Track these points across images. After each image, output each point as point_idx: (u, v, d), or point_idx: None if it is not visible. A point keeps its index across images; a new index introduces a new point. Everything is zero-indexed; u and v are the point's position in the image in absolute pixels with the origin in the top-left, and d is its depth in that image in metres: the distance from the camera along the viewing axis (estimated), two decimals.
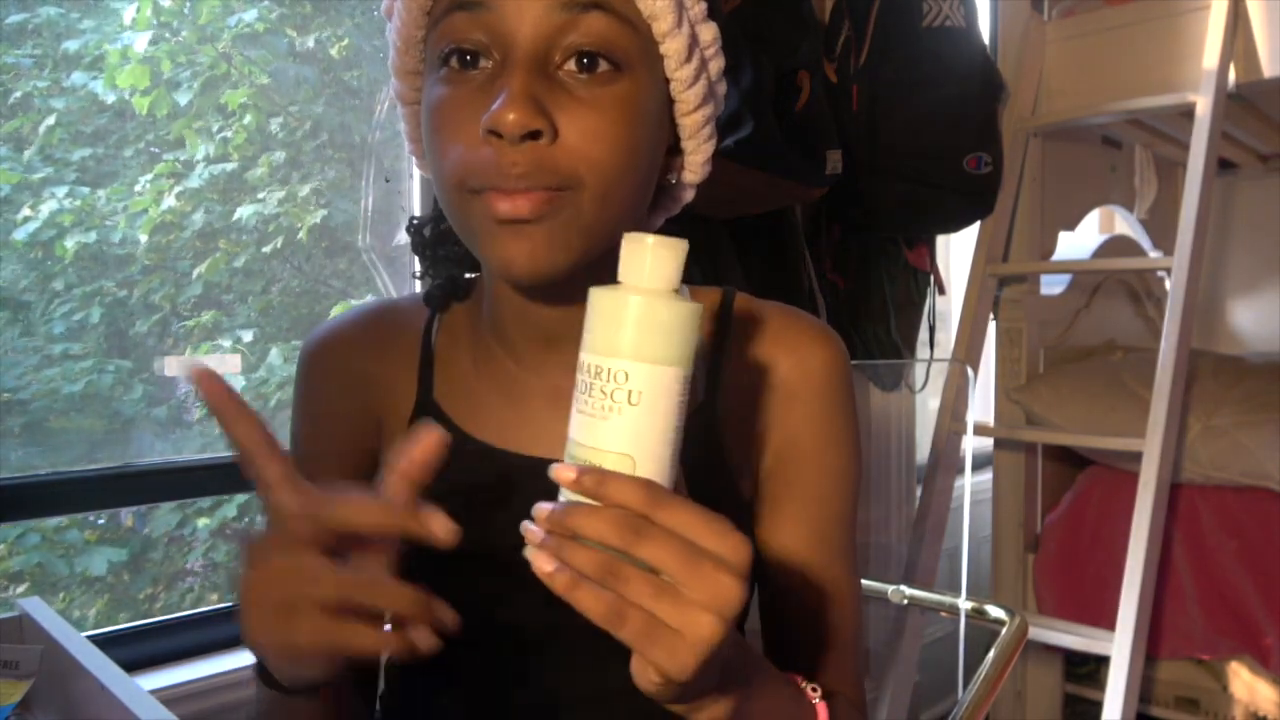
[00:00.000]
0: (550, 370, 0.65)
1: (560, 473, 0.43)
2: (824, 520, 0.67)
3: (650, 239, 0.44)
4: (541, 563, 0.42)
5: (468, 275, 0.72)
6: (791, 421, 0.65)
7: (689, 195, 0.67)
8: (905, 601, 1.18)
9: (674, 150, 0.63)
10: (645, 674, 0.43)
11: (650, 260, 0.44)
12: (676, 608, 0.41)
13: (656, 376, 0.43)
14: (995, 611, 1.08)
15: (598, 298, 0.45)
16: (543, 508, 0.43)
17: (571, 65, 0.54)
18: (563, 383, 0.60)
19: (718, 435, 0.65)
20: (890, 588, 1.20)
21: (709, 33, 0.60)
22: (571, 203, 0.54)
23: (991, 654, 0.95)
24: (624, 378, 0.43)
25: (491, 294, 0.65)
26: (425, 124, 0.57)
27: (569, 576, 0.42)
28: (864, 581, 1.31)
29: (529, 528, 0.44)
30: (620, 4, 0.54)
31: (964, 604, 1.13)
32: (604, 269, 0.50)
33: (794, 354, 0.65)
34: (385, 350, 0.69)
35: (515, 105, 0.51)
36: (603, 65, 0.54)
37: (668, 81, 0.59)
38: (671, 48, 0.57)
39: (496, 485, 0.64)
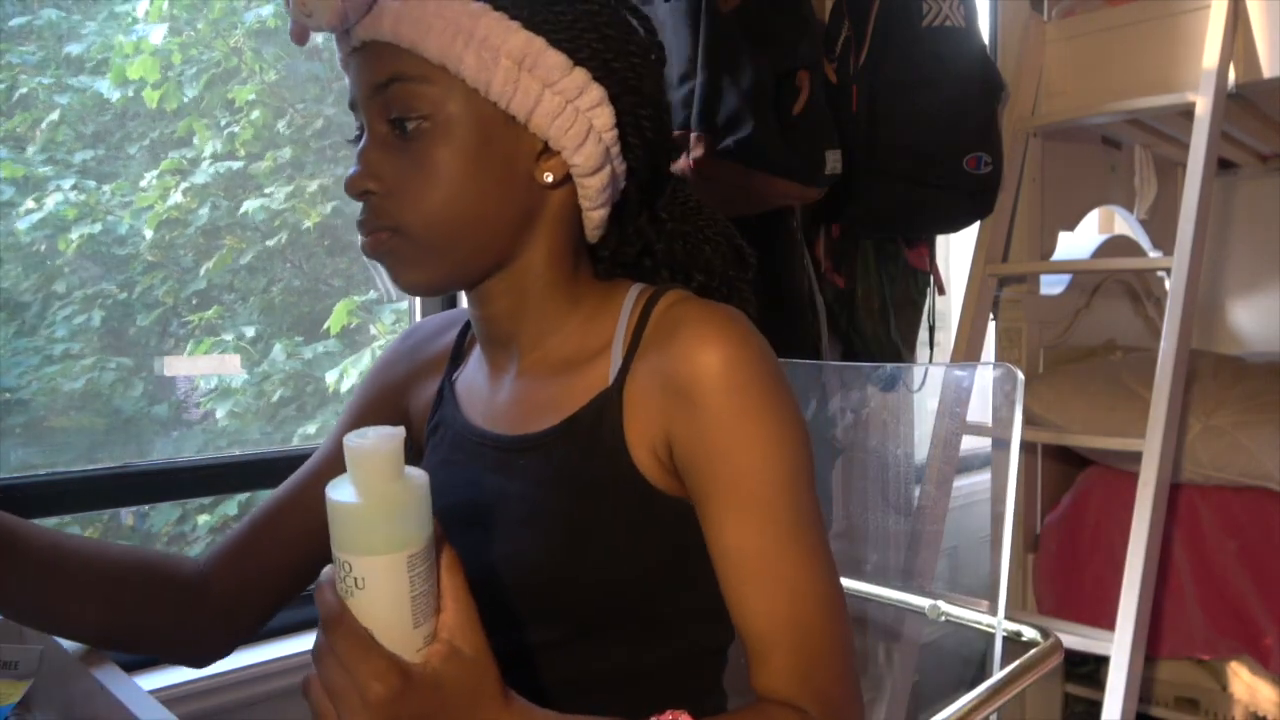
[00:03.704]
0: (502, 361, 0.79)
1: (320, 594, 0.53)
2: (756, 519, 0.66)
3: (352, 444, 0.50)
4: None
5: None
6: (687, 423, 0.67)
7: (598, 181, 0.72)
8: (942, 618, 1.15)
9: (548, 151, 0.71)
10: None
11: (353, 466, 0.50)
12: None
13: (373, 565, 0.51)
14: (1030, 633, 1.05)
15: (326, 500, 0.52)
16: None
17: (395, 129, 0.68)
18: (516, 370, 0.77)
19: (618, 421, 0.70)
20: (928, 604, 1.18)
21: (516, 39, 0.66)
22: (405, 240, 0.69)
23: (1014, 664, 0.93)
24: (349, 568, 0.51)
25: None
26: None
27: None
28: (901, 595, 1.29)
29: None
30: (413, 67, 0.66)
31: (1001, 623, 1.09)
32: (513, 274, 0.73)
33: (685, 356, 0.67)
34: (437, 341, 0.89)
35: (352, 173, 0.69)
36: (413, 123, 0.67)
37: (496, 103, 0.68)
38: (469, 75, 0.66)
39: (471, 452, 0.78)
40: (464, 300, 1.62)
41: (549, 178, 0.71)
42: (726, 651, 0.78)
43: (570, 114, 0.68)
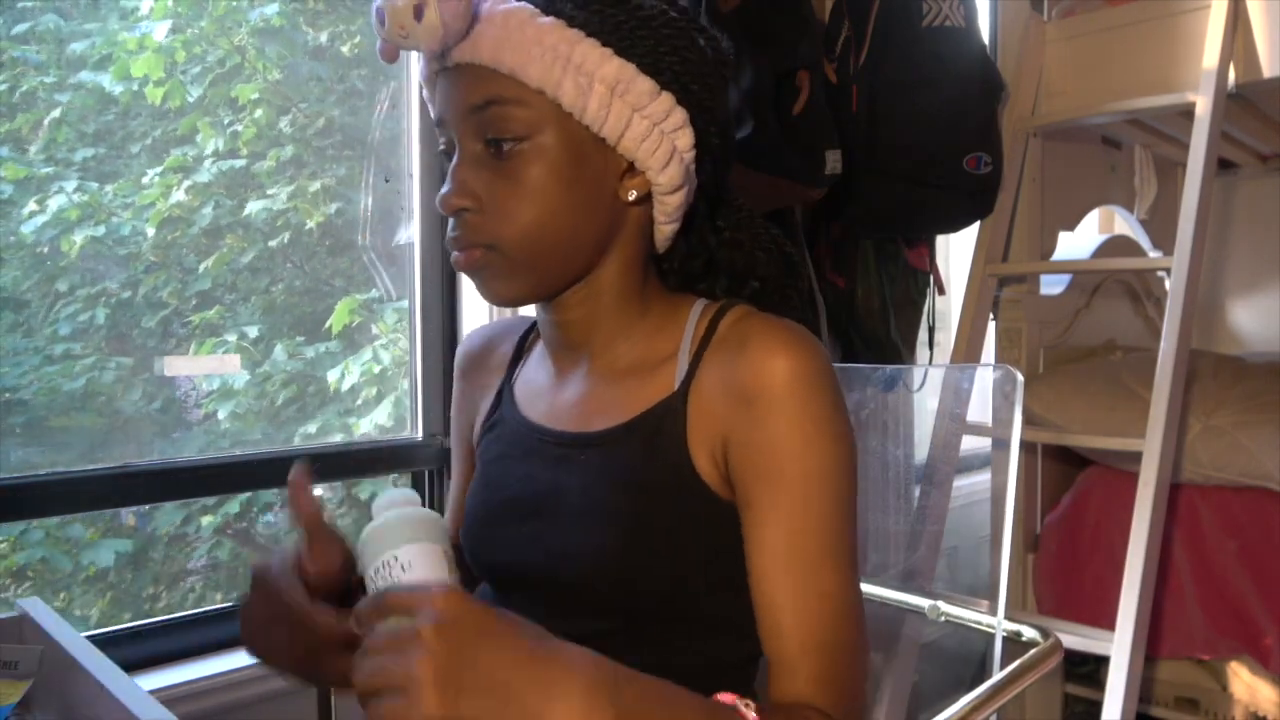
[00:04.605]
0: (568, 364, 0.82)
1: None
2: (803, 523, 0.69)
3: (380, 502, 0.65)
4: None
5: None
6: (748, 426, 0.70)
7: (677, 199, 0.76)
8: (942, 619, 1.16)
9: (632, 170, 0.75)
10: None
11: (381, 510, 0.64)
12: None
13: (416, 549, 0.62)
14: (1030, 633, 1.06)
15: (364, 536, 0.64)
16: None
17: (490, 148, 0.71)
18: (582, 371, 0.81)
19: (681, 424, 0.73)
20: (928, 604, 1.18)
21: (609, 66, 0.70)
22: (499, 255, 0.72)
23: (1014, 665, 0.94)
24: (394, 559, 0.61)
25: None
26: None
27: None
28: (901, 595, 1.29)
29: None
30: (510, 90, 0.70)
31: (1001, 623, 1.10)
32: (589, 285, 0.76)
33: (754, 364, 0.70)
34: (494, 351, 0.92)
35: (446, 191, 0.71)
36: (509, 143, 0.70)
37: (589, 126, 0.71)
38: (567, 100, 0.70)
39: (529, 448, 0.81)
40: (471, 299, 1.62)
41: (632, 195, 0.75)
42: (757, 662, 0.80)
43: (656, 136, 0.73)
